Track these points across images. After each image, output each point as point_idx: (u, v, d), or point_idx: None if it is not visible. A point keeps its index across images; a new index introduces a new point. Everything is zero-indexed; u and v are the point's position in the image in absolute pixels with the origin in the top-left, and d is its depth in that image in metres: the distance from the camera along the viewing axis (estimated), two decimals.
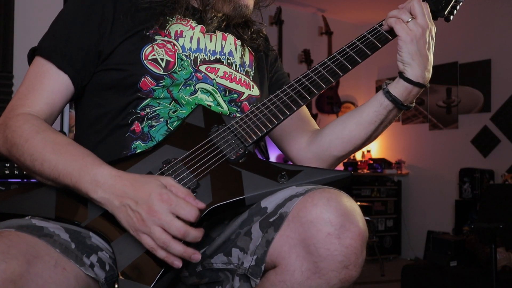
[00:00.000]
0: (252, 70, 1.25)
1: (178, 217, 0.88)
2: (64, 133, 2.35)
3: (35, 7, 2.69)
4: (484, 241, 3.13)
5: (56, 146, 0.99)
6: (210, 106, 1.13)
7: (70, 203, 0.99)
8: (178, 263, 0.88)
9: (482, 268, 3.08)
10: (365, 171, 5.59)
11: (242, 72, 1.21)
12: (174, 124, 1.10)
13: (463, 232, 4.23)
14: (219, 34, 1.22)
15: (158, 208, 0.88)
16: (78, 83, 1.11)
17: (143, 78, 1.08)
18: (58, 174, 0.96)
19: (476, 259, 3.19)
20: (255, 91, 1.22)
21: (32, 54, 1.13)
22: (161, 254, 0.88)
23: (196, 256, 0.89)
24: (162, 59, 1.10)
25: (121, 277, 0.88)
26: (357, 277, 0.88)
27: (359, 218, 0.88)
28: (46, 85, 1.08)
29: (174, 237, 0.87)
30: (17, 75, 2.65)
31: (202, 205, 0.91)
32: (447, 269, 3.22)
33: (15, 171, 2.04)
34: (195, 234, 0.89)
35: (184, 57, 1.13)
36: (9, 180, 2.05)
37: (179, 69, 1.11)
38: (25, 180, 2.06)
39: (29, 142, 1.00)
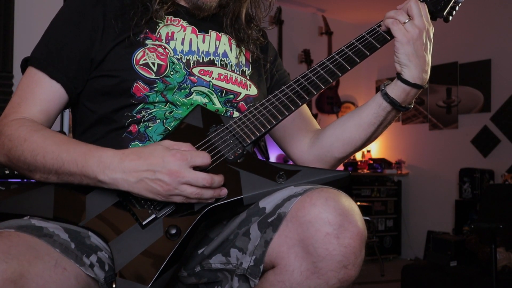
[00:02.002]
0: (249, 69, 1.25)
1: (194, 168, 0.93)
2: (64, 133, 2.36)
3: (35, 7, 2.70)
4: (484, 241, 3.13)
5: (56, 140, 1.01)
6: (205, 105, 1.14)
7: (68, 202, 0.99)
8: (211, 201, 0.96)
9: (482, 268, 3.08)
10: (365, 171, 5.59)
11: (237, 72, 1.21)
12: (172, 124, 1.10)
13: (463, 232, 4.24)
14: (213, 34, 1.21)
15: (177, 167, 0.91)
16: (72, 91, 1.11)
17: (135, 84, 1.08)
18: (63, 163, 0.97)
19: (476, 259, 3.19)
20: (253, 90, 1.22)
21: (25, 64, 1.14)
22: (193, 201, 0.94)
23: (224, 191, 0.96)
24: (153, 63, 1.10)
25: (119, 277, 0.88)
26: (356, 276, 0.88)
27: (358, 218, 0.88)
28: (39, 94, 1.09)
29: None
30: (17, 75, 2.65)
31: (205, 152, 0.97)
32: (447, 269, 3.23)
33: (15, 171, 2.04)
34: (219, 179, 0.95)
35: (175, 61, 1.12)
36: (9, 180, 2.06)
37: (172, 73, 1.11)
38: (25, 180, 2.07)
39: (28, 141, 1.00)
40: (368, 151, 5.84)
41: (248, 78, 1.23)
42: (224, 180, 0.98)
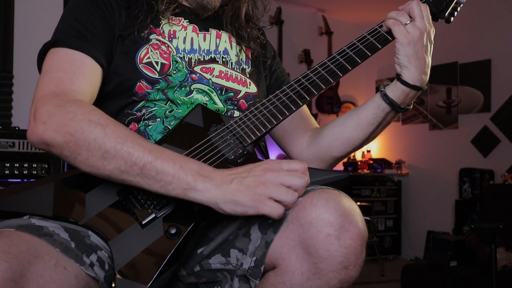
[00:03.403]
0: (248, 67, 1.25)
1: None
2: None
3: (35, 7, 2.70)
4: (484, 241, 3.13)
5: (141, 137, 0.94)
6: (206, 104, 1.14)
7: (68, 201, 0.99)
8: None
9: (482, 268, 3.08)
10: (365, 171, 5.59)
11: (238, 70, 1.21)
12: (172, 123, 1.10)
13: (463, 232, 4.24)
14: (213, 32, 1.21)
15: (275, 167, 0.87)
16: (105, 77, 1.07)
17: (138, 83, 1.08)
18: (156, 158, 0.88)
19: (476, 259, 3.19)
20: (252, 88, 1.22)
21: (45, 50, 1.05)
22: (287, 204, 0.86)
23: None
24: (157, 62, 1.09)
25: (118, 276, 0.88)
26: (357, 277, 0.88)
27: (359, 219, 0.88)
28: (87, 72, 1.02)
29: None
30: (17, 75, 2.65)
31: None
32: (447, 269, 3.23)
33: (15, 171, 2.04)
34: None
35: (178, 59, 1.12)
36: (9, 180, 2.06)
37: (174, 72, 1.11)
38: (25, 180, 2.07)
39: (110, 127, 0.91)
40: (368, 151, 5.84)
41: (248, 76, 1.23)
42: None
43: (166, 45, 1.13)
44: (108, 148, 0.89)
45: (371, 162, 5.69)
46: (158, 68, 1.09)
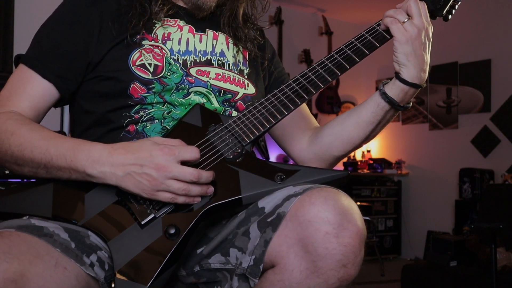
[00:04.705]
0: (246, 68, 1.25)
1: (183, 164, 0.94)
2: (64, 133, 2.36)
3: (35, 7, 2.70)
4: (484, 241, 3.13)
5: (44, 134, 1.01)
6: (203, 105, 1.13)
7: (67, 201, 0.99)
8: (198, 199, 0.95)
9: (482, 268, 3.08)
10: (365, 171, 5.59)
11: (235, 72, 1.21)
12: (170, 124, 1.10)
13: (463, 232, 4.23)
14: (209, 33, 1.21)
15: (165, 162, 0.92)
16: (65, 91, 1.11)
17: (132, 84, 1.08)
18: (51, 157, 0.97)
19: (476, 259, 3.19)
20: (250, 89, 1.22)
21: (17, 61, 1.13)
22: (181, 200, 0.94)
23: (210, 189, 0.96)
24: (150, 64, 1.10)
25: (118, 276, 0.88)
26: (356, 276, 0.88)
27: (357, 217, 0.88)
28: (30, 90, 1.09)
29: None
30: None
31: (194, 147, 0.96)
32: (447, 269, 3.22)
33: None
34: (207, 174, 0.95)
35: (172, 61, 1.12)
36: (9, 180, 2.06)
37: (168, 74, 1.11)
38: (25, 180, 2.07)
39: (15, 134, 1.00)
40: (368, 151, 5.84)
41: (246, 77, 1.23)
42: (220, 178, 0.98)
43: (160, 47, 1.12)
44: (16, 157, 1.00)
45: (371, 162, 5.68)
46: (151, 70, 1.09)
